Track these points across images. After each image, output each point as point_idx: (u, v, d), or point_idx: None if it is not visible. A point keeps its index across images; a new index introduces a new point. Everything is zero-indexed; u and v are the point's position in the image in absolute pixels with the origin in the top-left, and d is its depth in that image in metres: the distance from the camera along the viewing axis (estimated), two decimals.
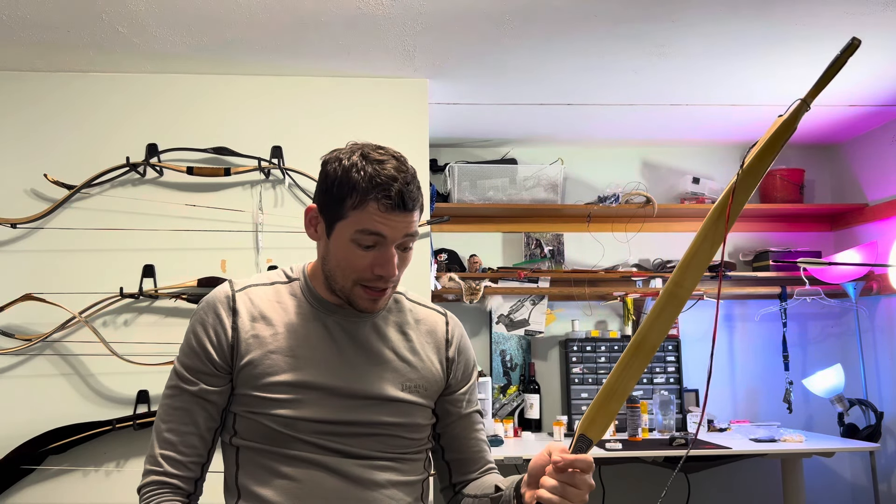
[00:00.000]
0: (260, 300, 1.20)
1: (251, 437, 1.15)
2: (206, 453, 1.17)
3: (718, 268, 3.51)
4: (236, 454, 1.18)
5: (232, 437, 1.18)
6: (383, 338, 1.23)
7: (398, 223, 1.11)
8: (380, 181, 1.09)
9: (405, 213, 1.11)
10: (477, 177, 3.51)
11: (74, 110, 2.71)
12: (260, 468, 1.14)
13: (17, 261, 2.62)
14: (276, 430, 1.13)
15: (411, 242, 1.16)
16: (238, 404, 1.16)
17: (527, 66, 2.73)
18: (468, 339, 1.36)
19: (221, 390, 1.16)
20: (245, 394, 1.15)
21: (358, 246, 1.12)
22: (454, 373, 1.29)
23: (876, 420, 3.30)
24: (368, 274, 1.13)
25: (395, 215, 1.10)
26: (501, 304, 3.52)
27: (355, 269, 1.13)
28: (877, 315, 3.52)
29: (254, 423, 1.15)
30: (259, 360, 1.15)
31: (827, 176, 3.88)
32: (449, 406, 1.29)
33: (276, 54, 2.63)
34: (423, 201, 1.17)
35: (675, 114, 3.29)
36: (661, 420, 3.28)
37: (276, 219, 2.71)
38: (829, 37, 2.51)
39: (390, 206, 1.09)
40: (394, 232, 1.11)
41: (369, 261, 1.12)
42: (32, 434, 2.49)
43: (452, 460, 1.31)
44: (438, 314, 1.32)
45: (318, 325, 1.20)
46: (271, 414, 1.13)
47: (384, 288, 1.16)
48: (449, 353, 1.29)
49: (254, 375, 1.14)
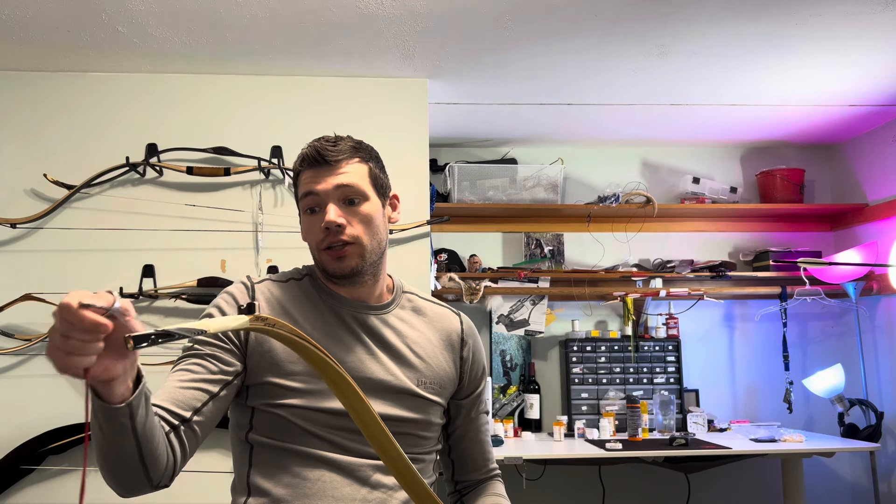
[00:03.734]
0: (278, 292, 1.22)
1: (266, 432, 1.15)
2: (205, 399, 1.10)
3: (718, 269, 3.51)
4: (250, 452, 1.17)
5: (248, 433, 1.17)
6: (398, 333, 1.24)
7: (325, 177, 1.17)
8: (303, 151, 1.21)
9: (328, 165, 1.18)
10: (477, 177, 3.51)
11: (74, 110, 2.71)
12: (273, 466, 1.14)
13: (17, 261, 2.62)
14: (292, 423, 1.13)
15: (354, 196, 1.18)
16: (258, 397, 1.15)
17: (526, 66, 2.73)
18: (481, 341, 1.37)
19: (230, 363, 1.13)
20: (264, 381, 1.14)
21: (307, 214, 1.20)
22: (467, 374, 1.30)
23: (876, 420, 3.30)
24: (320, 234, 1.18)
25: (320, 171, 1.18)
26: (501, 304, 3.52)
27: (312, 236, 1.20)
28: (877, 315, 3.52)
29: (270, 417, 1.14)
30: (281, 347, 1.15)
31: (827, 176, 3.88)
32: (460, 407, 1.31)
33: (276, 54, 2.63)
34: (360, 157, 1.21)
35: (675, 114, 3.29)
36: (661, 420, 3.28)
37: (275, 219, 2.71)
38: (829, 37, 2.51)
39: (311, 164, 1.19)
40: (325, 185, 1.17)
41: (317, 222, 1.18)
42: (32, 434, 2.49)
43: (457, 459, 1.34)
44: (453, 314, 1.34)
45: (335, 316, 1.21)
46: (288, 404, 1.13)
47: (340, 244, 1.18)
48: (463, 353, 1.30)
49: (276, 363, 1.15)
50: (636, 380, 3.50)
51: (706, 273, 3.53)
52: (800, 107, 3.23)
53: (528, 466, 3.06)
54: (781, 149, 3.86)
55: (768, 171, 3.69)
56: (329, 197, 1.17)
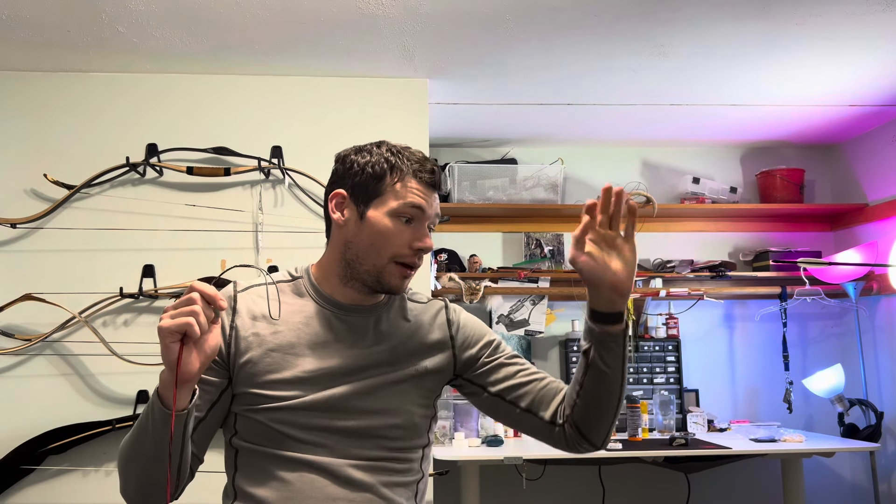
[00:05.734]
0: (261, 298, 1.21)
1: (250, 437, 1.16)
2: (194, 425, 1.15)
3: (718, 268, 3.51)
4: (235, 456, 1.18)
5: (232, 437, 1.19)
6: (387, 336, 1.23)
7: (432, 201, 1.21)
8: (416, 160, 1.20)
9: (435, 192, 1.22)
10: (477, 177, 3.51)
11: (74, 110, 2.71)
12: (256, 470, 1.15)
13: (17, 261, 2.61)
14: (274, 429, 1.14)
15: (434, 225, 1.23)
16: (239, 403, 1.17)
17: (527, 65, 2.73)
18: (472, 316, 1.34)
19: (216, 381, 1.17)
20: (245, 392, 1.15)
21: (398, 220, 1.18)
22: (462, 343, 1.27)
23: (876, 420, 3.30)
24: (406, 249, 1.18)
25: (430, 193, 1.20)
26: (501, 304, 3.52)
27: (394, 244, 1.17)
28: (877, 315, 3.52)
29: (253, 422, 1.15)
30: (259, 358, 1.16)
31: (827, 176, 3.88)
32: (479, 369, 1.27)
33: (276, 54, 2.63)
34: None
35: (675, 114, 3.29)
36: (661, 420, 3.28)
37: (275, 219, 2.71)
38: (829, 37, 2.51)
39: (428, 183, 1.20)
40: (429, 209, 1.20)
41: (408, 235, 1.18)
42: (32, 434, 2.49)
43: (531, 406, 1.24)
44: (438, 301, 1.34)
45: (322, 321, 1.20)
46: (269, 410, 1.14)
47: (418, 265, 1.20)
48: (452, 331, 1.29)
49: (253, 373, 1.15)
50: (636, 380, 3.50)
51: (706, 273, 3.53)
52: (800, 107, 3.23)
53: (528, 466, 3.06)
54: (781, 149, 3.86)
55: (768, 171, 3.69)
56: (429, 220, 1.21)
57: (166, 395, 1.02)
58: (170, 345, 0.98)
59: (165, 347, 0.99)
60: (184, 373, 0.99)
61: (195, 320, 0.98)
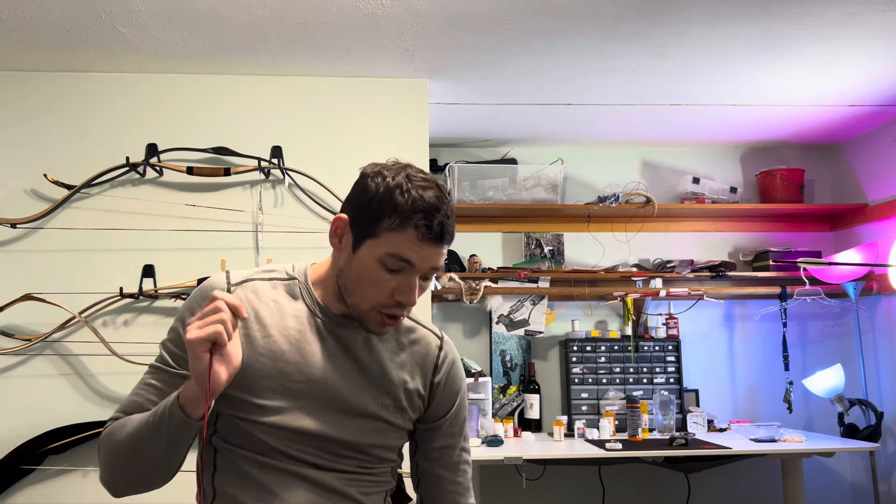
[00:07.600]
0: (256, 297, 1.18)
1: (231, 438, 1.14)
2: None
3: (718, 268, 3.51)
4: (214, 455, 1.16)
5: (212, 436, 1.16)
6: (374, 352, 1.21)
7: (430, 254, 1.10)
8: (423, 207, 1.07)
9: (439, 245, 1.10)
10: (477, 177, 3.51)
11: (74, 110, 2.71)
12: (238, 473, 1.14)
13: (17, 261, 2.62)
14: (257, 438, 1.12)
15: (434, 275, 1.15)
16: (223, 404, 1.14)
17: (526, 65, 2.73)
18: (461, 370, 1.31)
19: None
20: (230, 394, 1.13)
21: (383, 268, 1.10)
22: (436, 399, 1.25)
23: (876, 420, 3.30)
24: (388, 300, 1.11)
25: (430, 246, 1.09)
26: (501, 304, 3.52)
27: (376, 291, 1.11)
28: (877, 315, 3.52)
29: (235, 426, 1.13)
30: (247, 362, 1.13)
31: (827, 176, 3.88)
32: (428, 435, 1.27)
33: (276, 54, 2.63)
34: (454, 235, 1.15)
35: (675, 114, 3.29)
36: (661, 420, 3.28)
37: (275, 219, 2.71)
38: (829, 37, 2.51)
39: (428, 237, 1.08)
40: (423, 262, 1.10)
41: (392, 286, 1.10)
42: (32, 434, 2.49)
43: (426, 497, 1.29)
44: (434, 337, 1.28)
45: (312, 330, 1.18)
46: (254, 420, 1.12)
47: (400, 315, 1.14)
48: (435, 378, 1.25)
49: (241, 377, 1.12)
50: (636, 380, 3.50)
51: (706, 273, 3.53)
52: (800, 107, 3.23)
53: (528, 466, 3.06)
54: (781, 149, 3.86)
55: (768, 171, 3.69)
56: (421, 273, 1.11)
57: (187, 404, 1.03)
58: (200, 355, 0.99)
59: (196, 358, 0.99)
60: (213, 383, 1.01)
61: (224, 329, 0.99)
